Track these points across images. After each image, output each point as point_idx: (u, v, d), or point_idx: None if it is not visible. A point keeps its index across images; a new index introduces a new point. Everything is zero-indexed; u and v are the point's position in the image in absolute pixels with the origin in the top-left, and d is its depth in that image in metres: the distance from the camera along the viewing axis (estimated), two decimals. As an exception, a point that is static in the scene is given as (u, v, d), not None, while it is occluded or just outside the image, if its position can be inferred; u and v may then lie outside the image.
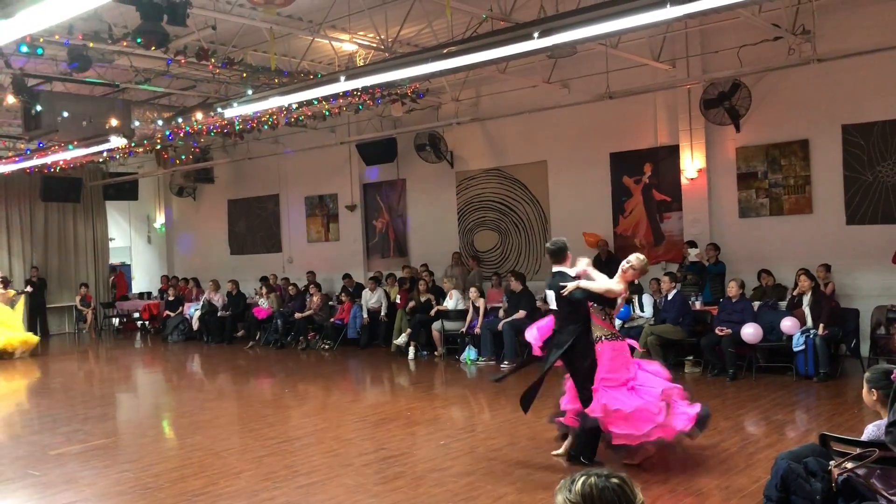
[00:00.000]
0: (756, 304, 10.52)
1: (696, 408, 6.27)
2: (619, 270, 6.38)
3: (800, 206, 11.41)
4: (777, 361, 10.10)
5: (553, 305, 6.46)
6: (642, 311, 11.13)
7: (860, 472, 3.73)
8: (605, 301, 6.38)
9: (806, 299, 9.92)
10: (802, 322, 9.79)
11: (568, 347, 6.25)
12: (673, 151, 12.42)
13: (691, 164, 12.16)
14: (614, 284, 6.31)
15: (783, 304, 10.42)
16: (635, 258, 6.47)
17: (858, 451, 3.77)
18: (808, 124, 11.21)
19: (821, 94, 11.01)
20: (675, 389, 6.39)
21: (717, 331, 10.09)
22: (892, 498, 3.62)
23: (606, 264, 12.56)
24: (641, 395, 6.21)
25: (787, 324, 9.73)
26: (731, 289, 10.39)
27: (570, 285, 6.21)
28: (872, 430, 3.93)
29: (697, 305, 11.13)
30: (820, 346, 9.45)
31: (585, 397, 6.24)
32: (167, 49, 9.58)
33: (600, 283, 6.34)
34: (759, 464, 6.10)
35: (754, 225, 11.78)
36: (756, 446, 6.79)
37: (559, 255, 6.49)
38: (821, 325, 9.55)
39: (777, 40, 10.45)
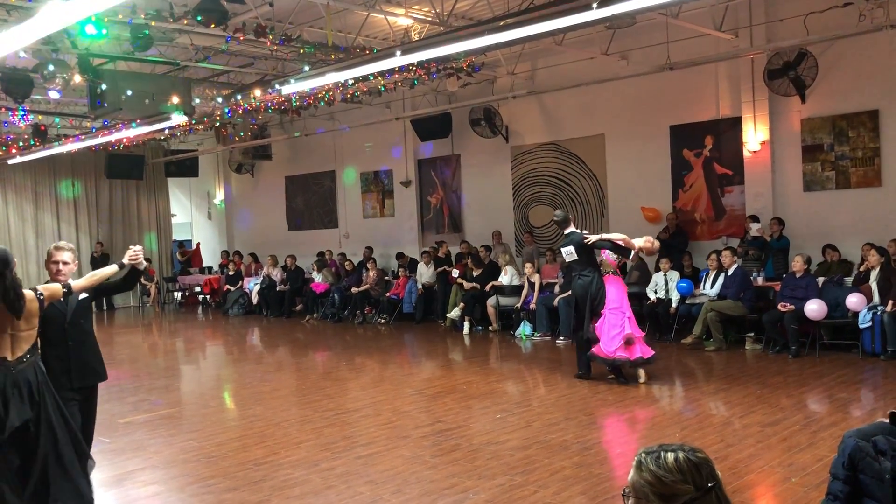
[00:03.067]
0: (821, 279, 10.23)
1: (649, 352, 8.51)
2: (645, 239, 8.44)
3: (868, 178, 11.02)
4: (842, 339, 9.84)
5: (574, 257, 8.67)
6: (710, 287, 10.85)
7: (932, 451, 3.62)
8: (621, 250, 8.55)
9: (874, 275, 9.61)
10: (869, 298, 9.50)
11: (588, 283, 8.52)
12: (735, 124, 12.11)
13: (754, 136, 11.83)
14: (629, 239, 8.41)
15: (849, 280, 10.12)
16: (655, 245, 8.65)
17: (930, 429, 3.65)
18: (879, 94, 10.79)
19: (893, 62, 10.57)
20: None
21: (779, 307, 9.86)
22: (967, 478, 3.50)
23: (675, 236, 12.42)
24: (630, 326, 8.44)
25: (854, 300, 9.45)
26: (796, 264, 10.11)
27: (594, 237, 8.53)
28: (946, 408, 3.80)
29: (759, 281, 10.89)
30: (888, 322, 9.16)
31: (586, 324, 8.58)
32: (226, 27, 9.71)
33: (619, 235, 8.61)
34: (823, 442, 5.97)
35: (820, 199, 11.44)
36: (819, 424, 6.64)
37: (567, 222, 8.83)
38: (890, 302, 9.25)
39: (846, 6, 10.06)
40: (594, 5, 7.08)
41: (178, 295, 20.64)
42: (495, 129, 14.92)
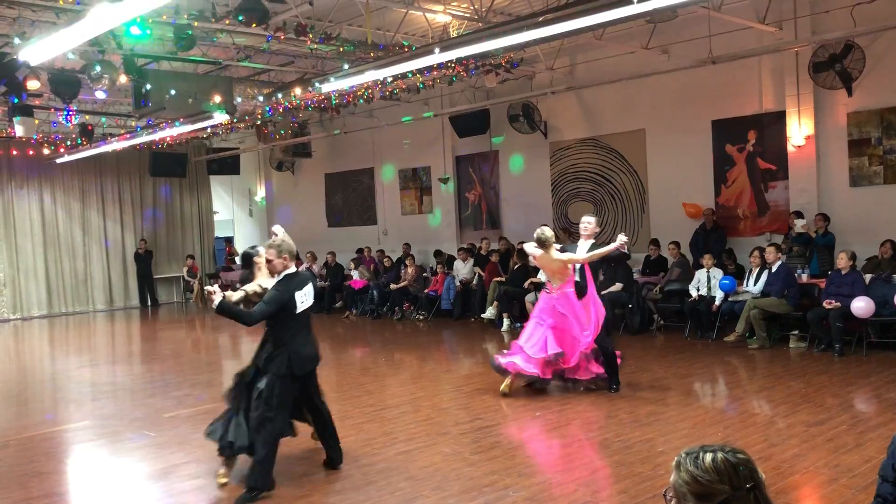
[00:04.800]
0: (868, 276, 10.01)
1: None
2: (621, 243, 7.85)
3: (918, 173, 10.75)
4: (890, 337, 9.61)
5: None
6: (753, 284, 10.67)
7: None
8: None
9: (923, 272, 9.38)
10: (919, 296, 9.26)
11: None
12: (779, 118, 11.89)
13: (798, 130, 11.61)
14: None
15: (898, 278, 9.89)
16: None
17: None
18: (929, 86, 10.51)
19: (944, 53, 10.29)
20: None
21: (824, 304, 9.67)
22: None
23: (712, 232, 12.27)
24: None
25: (902, 298, 9.23)
26: (841, 260, 9.91)
27: (580, 256, 8.04)
28: None
29: (804, 278, 10.69)
30: (939, 321, 8.93)
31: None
32: (267, 26, 9.81)
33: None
34: (871, 443, 5.85)
35: (867, 194, 11.18)
36: (867, 425, 6.50)
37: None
38: (940, 300, 9.02)
39: (895, -3, 9.81)
40: (635, 0, 7.01)
41: (220, 291, 20.86)
42: (534, 125, 14.85)
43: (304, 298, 5.64)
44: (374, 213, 19.04)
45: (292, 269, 5.64)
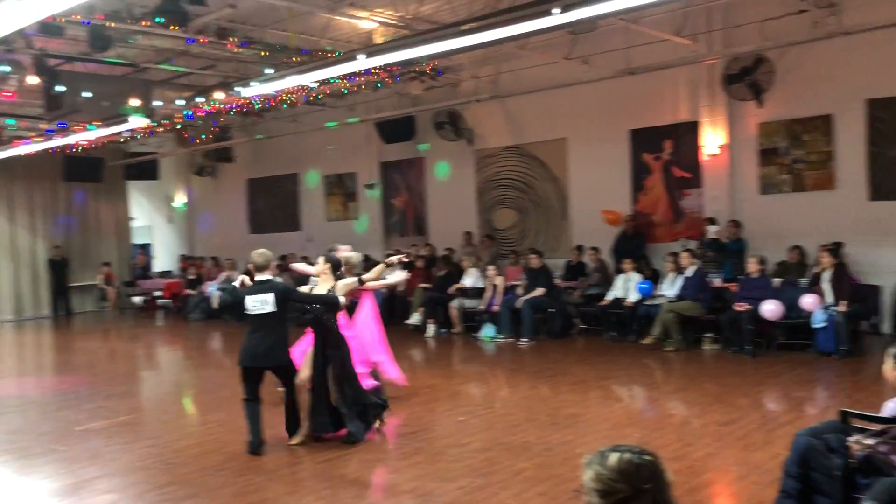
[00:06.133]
0: (777, 280, 10.44)
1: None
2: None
3: (822, 182, 11.27)
4: (797, 338, 10.03)
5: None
6: (669, 288, 10.98)
7: (881, 448, 3.72)
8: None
9: (826, 276, 9.83)
10: (823, 299, 9.71)
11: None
12: (693, 128, 12.30)
13: (712, 140, 12.04)
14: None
15: (804, 281, 10.34)
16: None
17: (878, 427, 3.76)
18: (832, 99, 11.05)
19: (845, 68, 10.83)
20: None
21: (736, 307, 10.04)
22: (912, 474, 3.61)
23: (632, 238, 12.60)
24: None
25: (808, 300, 9.66)
26: (751, 265, 10.32)
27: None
28: (892, 406, 3.92)
29: (717, 282, 11.07)
30: (841, 322, 9.37)
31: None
32: (187, 28, 9.61)
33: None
34: (779, 440, 6.07)
35: (776, 201, 11.67)
36: (775, 423, 6.78)
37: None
38: (842, 302, 9.47)
39: (801, 13, 10.27)
40: (556, 10, 7.15)
41: (137, 299, 20.32)
42: (459, 132, 14.97)
43: (255, 304, 6.33)
44: (298, 220, 18.82)
45: (264, 276, 6.46)
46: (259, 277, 6.43)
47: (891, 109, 10.55)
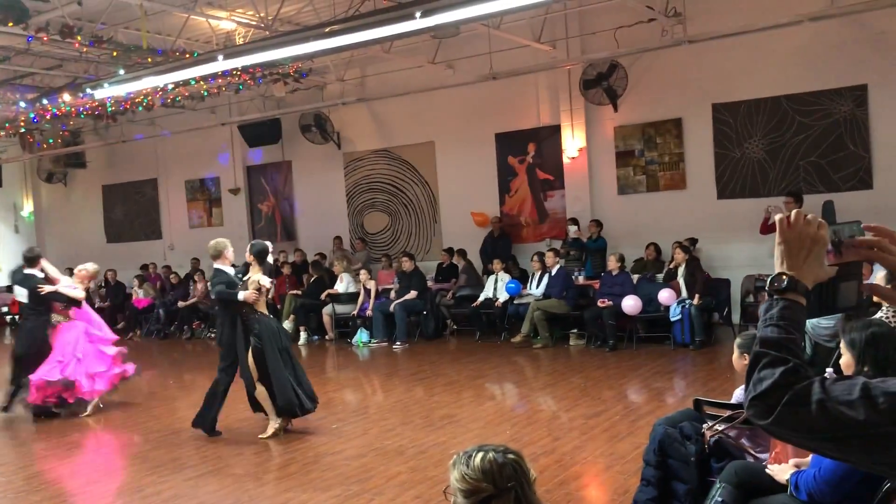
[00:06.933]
0: (636, 276, 10.94)
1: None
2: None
3: (674, 182, 11.92)
4: (656, 331, 10.55)
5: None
6: (536, 287, 11.28)
7: (731, 433, 3.96)
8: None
9: (681, 271, 10.39)
10: (678, 293, 10.25)
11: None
12: (555, 131, 12.70)
13: (572, 143, 12.47)
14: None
15: (660, 277, 10.88)
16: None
17: (728, 413, 3.99)
18: (681, 103, 11.69)
19: (692, 74, 11.49)
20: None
21: (599, 303, 10.44)
22: (759, 455, 3.86)
23: (499, 239, 12.85)
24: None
25: (665, 295, 10.17)
26: (611, 262, 10.78)
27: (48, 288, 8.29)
28: (740, 392, 4.17)
29: (580, 280, 11.48)
30: (695, 315, 9.93)
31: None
32: (27, 25, 8.98)
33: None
34: (641, 430, 6.35)
35: (632, 201, 12.22)
36: (637, 413, 7.09)
37: (35, 261, 8.50)
38: (696, 296, 10.04)
39: (651, 22, 10.80)
40: (418, 14, 7.20)
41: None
42: (327, 136, 14.78)
43: None
44: (158, 227, 18.01)
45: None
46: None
47: (734, 113, 11.29)
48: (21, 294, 8.49)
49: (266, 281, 7.16)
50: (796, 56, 10.68)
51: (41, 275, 8.53)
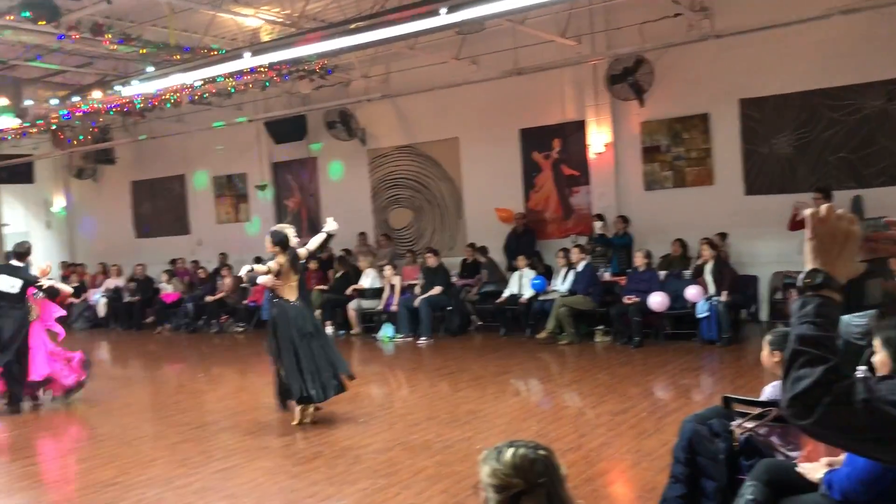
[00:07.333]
0: (662, 273, 10.87)
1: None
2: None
3: (701, 177, 11.82)
4: (683, 328, 10.48)
5: (14, 290, 8.42)
6: (561, 283, 11.25)
7: (761, 430, 3.93)
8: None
9: (708, 267, 10.31)
10: (705, 289, 10.18)
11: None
12: (580, 127, 12.64)
13: (598, 138, 12.41)
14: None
15: (688, 273, 10.80)
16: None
17: (758, 410, 3.97)
18: (708, 99, 11.59)
19: (719, 69, 11.38)
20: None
21: (625, 300, 10.40)
22: (790, 453, 3.83)
23: (523, 235, 12.84)
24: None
25: (692, 291, 10.10)
26: (637, 259, 10.72)
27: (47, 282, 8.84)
28: (770, 390, 4.14)
29: (606, 276, 11.43)
30: (722, 312, 9.85)
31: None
32: (58, 24, 9.11)
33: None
34: (668, 427, 6.33)
35: (659, 197, 12.14)
36: (664, 410, 7.06)
37: (25, 254, 8.71)
38: (723, 292, 9.96)
39: (677, 17, 10.72)
40: (443, 11, 7.20)
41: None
42: (352, 132, 14.84)
43: None
44: (186, 223, 18.20)
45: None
46: None
47: (761, 108, 11.17)
48: (6, 285, 8.41)
49: (261, 268, 7.73)
50: (825, 50, 10.53)
51: (32, 268, 8.77)
